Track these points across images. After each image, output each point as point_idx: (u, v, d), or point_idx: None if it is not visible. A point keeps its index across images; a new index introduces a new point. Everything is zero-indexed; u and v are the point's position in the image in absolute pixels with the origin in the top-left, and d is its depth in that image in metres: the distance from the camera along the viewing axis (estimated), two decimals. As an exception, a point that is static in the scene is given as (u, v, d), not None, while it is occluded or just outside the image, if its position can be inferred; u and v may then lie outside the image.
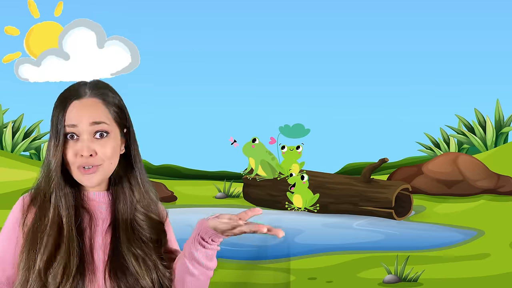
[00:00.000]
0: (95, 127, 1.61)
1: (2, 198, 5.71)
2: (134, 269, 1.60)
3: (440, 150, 7.52)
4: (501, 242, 5.37)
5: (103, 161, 1.61)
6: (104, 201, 1.67)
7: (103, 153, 1.61)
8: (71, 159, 1.60)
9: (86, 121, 1.60)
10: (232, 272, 4.80)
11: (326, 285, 4.63)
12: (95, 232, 1.63)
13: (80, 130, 1.60)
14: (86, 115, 1.61)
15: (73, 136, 1.61)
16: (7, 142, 7.37)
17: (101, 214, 1.65)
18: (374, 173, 6.41)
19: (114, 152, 1.63)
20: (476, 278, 4.72)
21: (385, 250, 5.22)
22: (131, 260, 1.61)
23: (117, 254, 1.61)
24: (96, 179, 1.62)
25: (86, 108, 1.62)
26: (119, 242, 1.62)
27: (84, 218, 1.64)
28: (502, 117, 7.47)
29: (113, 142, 1.63)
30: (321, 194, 6.23)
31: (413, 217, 6.09)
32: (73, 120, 1.60)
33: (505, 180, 6.51)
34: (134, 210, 1.66)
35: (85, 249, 1.60)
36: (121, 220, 1.65)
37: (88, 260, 1.60)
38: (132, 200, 1.67)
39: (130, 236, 1.63)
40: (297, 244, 5.42)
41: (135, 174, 1.68)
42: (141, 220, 1.66)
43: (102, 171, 1.62)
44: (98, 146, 1.61)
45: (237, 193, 6.84)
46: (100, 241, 1.63)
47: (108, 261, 1.61)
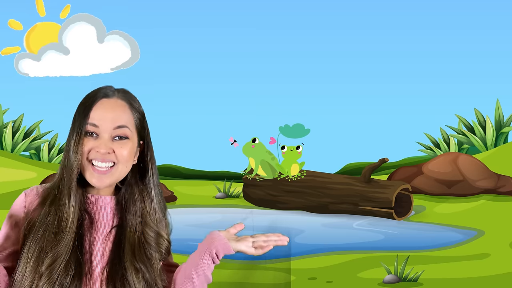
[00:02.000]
0: (118, 131, 1.61)
1: (2, 198, 5.71)
2: (134, 284, 1.59)
3: (440, 150, 7.52)
4: (501, 242, 5.37)
5: (118, 162, 1.60)
6: (107, 207, 1.65)
7: (119, 154, 1.60)
8: (85, 151, 1.59)
9: (110, 124, 1.60)
10: (232, 272, 4.80)
11: (326, 285, 4.63)
12: (95, 236, 1.63)
13: (101, 131, 1.60)
14: (111, 117, 1.60)
15: (93, 134, 1.60)
16: (7, 142, 7.37)
17: (102, 219, 1.64)
18: (374, 173, 6.41)
19: (130, 156, 1.62)
20: (476, 278, 4.72)
21: (385, 250, 5.22)
22: (132, 273, 1.60)
23: (118, 264, 1.60)
24: (107, 181, 1.61)
25: (112, 108, 1.61)
26: (122, 253, 1.61)
27: (85, 221, 1.63)
28: (502, 117, 7.47)
29: (131, 147, 1.63)
30: (321, 194, 6.23)
31: (413, 217, 6.09)
32: (97, 120, 1.60)
33: (505, 180, 6.51)
34: (143, 224, 1.65)
35: (85, 253, 1.60)
36: (128, 231, 1.63)
37: (86, 264, 1.59)
38: (143, 214, 1.65)
39: (136, 249, 1.62)
40: (297, 244, 5.42)
41: (149, 188, 1.67)
42: (150, 236, 1.64)
43: (114, 173, 1.61)
44: (117, 146, 1.60)
45: (237, 193, 6.84)
46: (100, 246, 1.62)
47: (107, 268, 1.60)
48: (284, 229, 5.83)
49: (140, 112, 1.67)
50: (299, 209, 6.32)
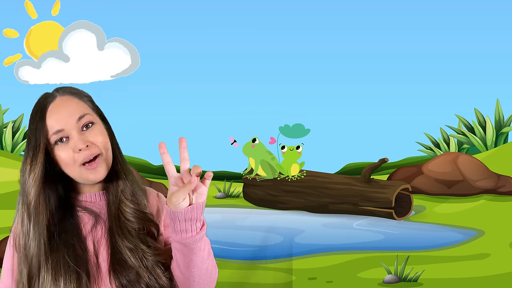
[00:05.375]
0: (81, 121, 1.59)
1: (2, 198, 5.71)
2: (132, 262, 1.58)
3: (440, 150, 7.52)
4: (501, 242, 5.37)
5: (100, 149, 1.59)
6: (101, 200, 1.65)
7: (97, 141, 1.59)
8: (70, 160, 1.58)
9: (71, 119, 1.58)
10: (232, 272, 4.80)
11: (326, 285, 4.63)
12: (98, 234, 1.62)
13: (68, 131, 1.58)
14: (68, 114, 1.59)
15: (62, 139, 1.59)
16: (7, 142, 7.37)
17: (99, 215, 1.64)
18: (374, 173, 6.41)
19: (105, 138, 1.61)
20: (476, 278, 4.72)
21: (385, 250, 5.23)
22: (126, 252, 1.58)
23: (114, 248, 1.59)
24: (102, 170, 1.59)
25: (63, 107, 1.60)
26: (114, 237, 1.60)
27: (85, 221, 1.62)
28: (502, 117, 7.48)
29: (100, 129, 1.62)
30: (321, 194, 6.23)
31: (413, 217, 6.09)
32: (57, 125, 1.58)
33: (505, 180, 6.51)
34: (119, 201, 1.63)
35: (89, 253, 1.59)
36: (112, 213, 1.62)
37: (93, 264, 1.59)
38: (117, 191, 1.64)
39: (120, 228, 1.60)
40: (297, 244, 5.42)
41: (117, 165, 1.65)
42: (127, 212, 1.62)
43: (103, 160, 1.60)
44: (89, 135, 1.59)
45: (237, 193, 6.84)
46: (104, 242, 1.62)
47: (110, 259, 1.59)
48: (284, 229, 5.83)
49: (86, 95, 1.66)
50: (299, 209, 6.32)
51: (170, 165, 1.50)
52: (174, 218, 1.48)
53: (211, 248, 1.60)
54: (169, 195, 1.48)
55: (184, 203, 1.47)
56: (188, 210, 1.48)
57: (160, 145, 1.48)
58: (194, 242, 1.51)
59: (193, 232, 1.50)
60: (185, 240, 1.50)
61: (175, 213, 1.47)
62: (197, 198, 1.50)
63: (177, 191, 1.46)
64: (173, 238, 1.53)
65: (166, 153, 1.49)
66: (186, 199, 1.48)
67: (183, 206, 1.47)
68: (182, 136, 1.56)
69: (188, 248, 1.52)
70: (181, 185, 1.47)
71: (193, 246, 1.52)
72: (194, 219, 1.49)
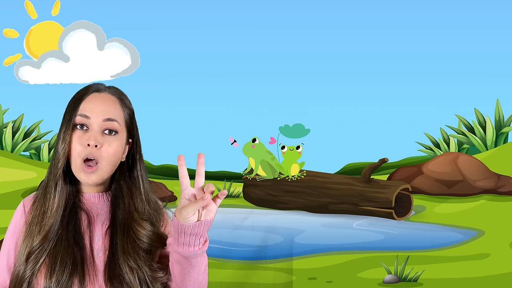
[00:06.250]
0: (107, 123, 1.61)
1: (2, 198, 5.71)
2: (130, 281, 1.59)
3: (440, 150, 7.52)
4: (501, 242, 5.37)
5: (103, 159, 1.60)
6: (102, 202, 1.66)
7: (105, 150, 1.60)
8: (78, 149, 1.59)
9: (100, 115, 1.60)
10: (232, 272, 4.80)
11: (326, 285, 4.63)
12: (94, 233, 1.62)
13: (92, 122, 1.60)
14: (101, 109, 1.61)
15: (83, 126, 1.60)
16: (7, 142, 7.37)
17: (99, 216, 1.64)
18: (374, 173, 6.40)
19: (116, 153, 1.62)
20: (476, 278, 4.72)
21: (385, 250, 5.22)
22: (127, 271, 1.59)
23: (114, 261, 1.60)
24: (94, 178, 1.61)
25: (103, 102, 1.62)
26: (116, 249, 1.61)
27: (83, 220, 1.63)
28: (502, 117, 7.47)
29: (119, 143, 1.62)
30: (321, 194, 6.23)
31: (413, 217, 6.09)
32: (87, 111, 1.60)
33: (505, 180, 6.51)
34: (132, 220, 1.64)
35: (86, 251, 1.60)
36: (119, 228, 1.63)
37: (88, 261, 1.59)
38: (131, 210, 1.65)
39: (127, 246, 1.61)
40: (297, 244, 5.42)
41: (137, 184, 1.67)
42: (139, 232, 1.63)
43: (100, 171, 1.61)
44: (105, 142, 1.60)
45: (237, 193, 6.84)
46: (100, 243, 1.62)
47: (107, 266, 1.60)
48: (284, 229, 5.83)
49: (130, 109, 1.67)
50: (299, 209, 6.32)
51: (186, 178, 1.52)
52: (180, 231, 1.50)
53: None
54: (179, 207, 1.50)
55: (193, 218, 1.50)
56: (196, 225, 1.50)
57: (179, 157, 1.51)
58: (194, 256, 1.53)
59: (195, 247, 1.52)
60: (186, 253, 1.53)
61: (182, 226, 1.49)
62: (206, 215, 1.52)
63: (188, 206, 1.48)
64: (174, 249, 1.54)
65: (184, 165, 1.52)
66: (195, 214, 1.50)
67: (191, 220, 1.49)
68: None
69: (187, 261, 1.54)
70: (193, 200, 1.47)
71: (192, 259, 1.54)
72: (199, 235, 1.52)
